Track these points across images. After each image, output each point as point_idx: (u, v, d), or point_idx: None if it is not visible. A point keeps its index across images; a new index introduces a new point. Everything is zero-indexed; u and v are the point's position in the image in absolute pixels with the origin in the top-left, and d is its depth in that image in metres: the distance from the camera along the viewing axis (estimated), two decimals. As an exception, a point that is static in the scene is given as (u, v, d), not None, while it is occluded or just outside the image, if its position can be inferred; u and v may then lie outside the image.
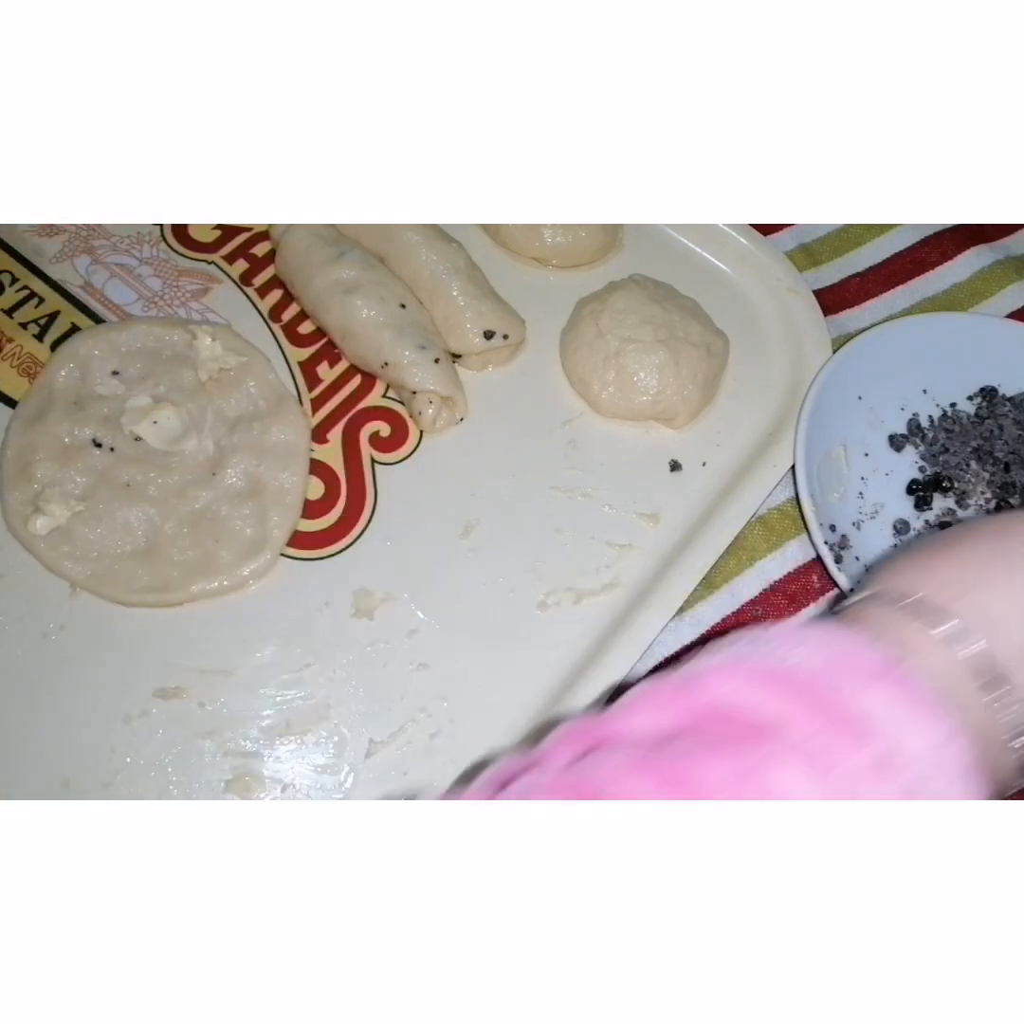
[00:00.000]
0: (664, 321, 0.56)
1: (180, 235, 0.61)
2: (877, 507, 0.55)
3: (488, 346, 0.56)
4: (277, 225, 0.59)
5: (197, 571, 0.49)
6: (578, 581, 0.51)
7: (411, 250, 0.57)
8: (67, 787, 0.44)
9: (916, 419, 0.58)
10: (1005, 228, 0.67)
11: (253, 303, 0.59)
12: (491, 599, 0.50)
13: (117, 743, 0.46)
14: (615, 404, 0.56)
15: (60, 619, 0.48)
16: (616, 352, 0.55)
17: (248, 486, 0.52)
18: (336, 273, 0.55)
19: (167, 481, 0.51)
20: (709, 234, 0.63)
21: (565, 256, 0.61)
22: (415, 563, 0.51)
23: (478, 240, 0.61)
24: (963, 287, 0.64)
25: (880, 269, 0.64)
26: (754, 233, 0.62)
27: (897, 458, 0.57)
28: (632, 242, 0.63)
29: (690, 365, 0.55)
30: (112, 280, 0.58)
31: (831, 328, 0.60)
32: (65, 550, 0.49)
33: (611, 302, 0.57)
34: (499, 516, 0.53)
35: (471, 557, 0.51)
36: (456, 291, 0.56)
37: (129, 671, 0.47)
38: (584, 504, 0.54)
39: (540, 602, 0.51)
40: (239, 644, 0.48)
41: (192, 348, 0.55)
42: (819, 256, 0.65)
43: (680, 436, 0.56)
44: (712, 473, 0.55)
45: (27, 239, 0.59)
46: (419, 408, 0.54)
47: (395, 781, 0.46)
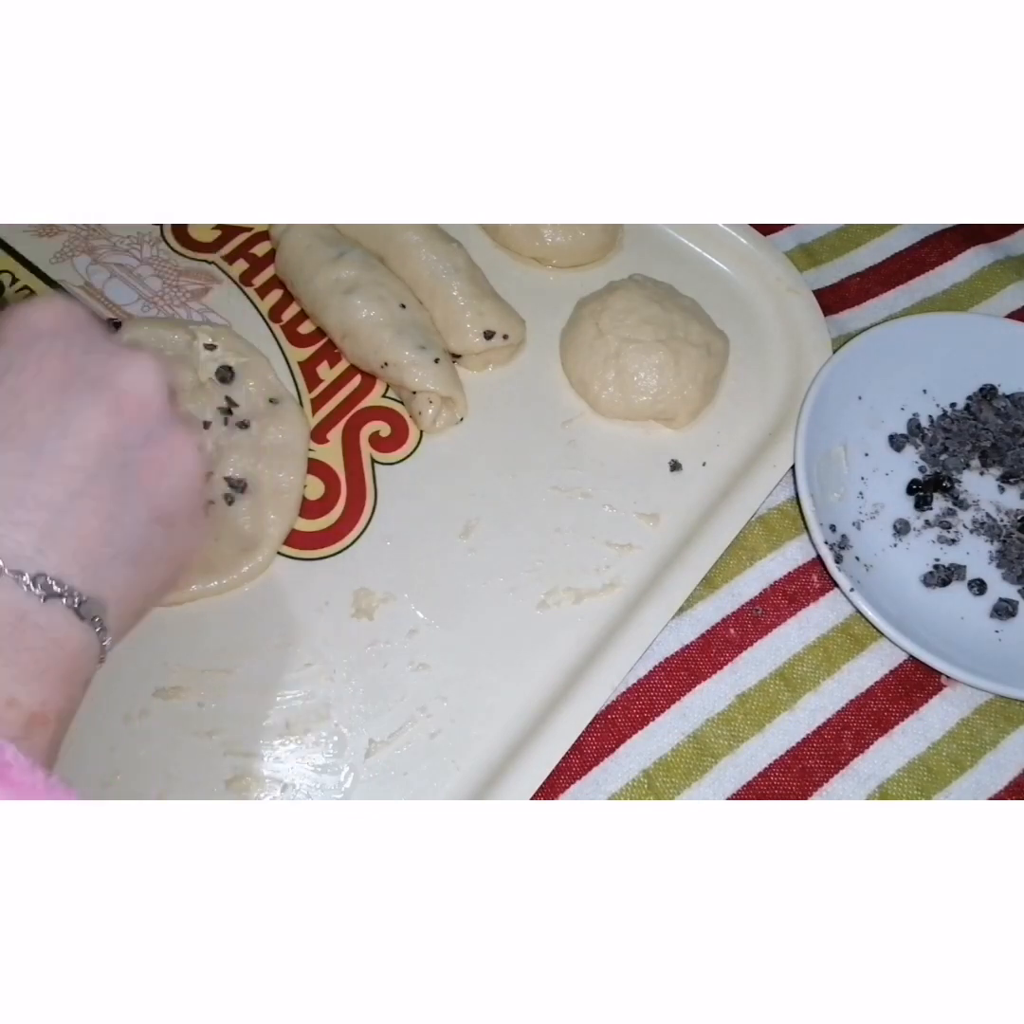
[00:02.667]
0: (664, 321, 0.56)
1: (180, 235, 0.61)
2: (877, 507, 0.55)
3: (488, 346, 0.56)
4: (277, 225, 0.59)
5: (196, 570, 0.49)
6: (578, 581, 0.51)
7: (411, 250, 0.57)
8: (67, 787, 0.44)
9: (916, 419, 0.58)
10: (1005, 228, 0.67)
11: (253, 303, 0.59)
12: (491, 599, 0.50)
13: (116, 743, 0.46)
14: (615, 404, 0.56)
15: (60, 619, 0.48)
16: (616, 352, 0.55)
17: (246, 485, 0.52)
18: (336, 273, 0.55)
19: None
20: (709, 234, 0.63)
21: (565, 256, 0.61)
22: (415, 563, 0.51)
23: (478, 240, 0.61)
24: (963, 287, 0.64)
25: (880, 269, 0.64)
26: (754, 233, 0.62)
27: (897, 458, 0.57)
28: (632, 242, 0.63)
29: (690, 365, 0.55)
30: (112, 280, 0.58)
31: (831, 328, 0.60)
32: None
33: (611, 302, 0.57)
34: (499, 516, 0.53)
35: (471, 557, 0.51)
36: (456, 291, 0.56)
37: (128, 671, 0.47)
38: (584, 504, 0.54)
39: (540, 602, 0.51)
40: (239, 644, 0.48)
41: (192, 348, 0.55)
42: (819, 256, 0.65)
43: (680, 436, 0.56)
44: (712, 473, 0.55)
45: (27, 239, 0.59)
46: (419, 408, 0.54)
47: (395, 781, 0.46)
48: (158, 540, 0.34)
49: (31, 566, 0.30)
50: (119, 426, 0.33)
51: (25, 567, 0.30)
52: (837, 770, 0.48)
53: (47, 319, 0.34)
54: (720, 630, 0.51)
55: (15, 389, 0.32)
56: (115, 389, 0.33)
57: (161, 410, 0.34)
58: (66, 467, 0.31)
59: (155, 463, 0.34)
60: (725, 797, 0.47)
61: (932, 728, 0.49)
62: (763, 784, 0.48)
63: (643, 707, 0.49)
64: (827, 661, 0.51)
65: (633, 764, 0.47)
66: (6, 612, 0.29)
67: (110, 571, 0.32)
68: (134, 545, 0.33)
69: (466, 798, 0.45)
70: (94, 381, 0.33)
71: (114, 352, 0.34)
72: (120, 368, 0.34)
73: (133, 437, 0.33)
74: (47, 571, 0.30)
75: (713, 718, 0.49)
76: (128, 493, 0.33)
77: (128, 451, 0.33)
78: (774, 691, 0.50)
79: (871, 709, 0.50)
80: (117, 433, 0.33)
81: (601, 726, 0.48)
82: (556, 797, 0.46)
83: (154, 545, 0.34)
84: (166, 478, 0.34)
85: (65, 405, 0.32)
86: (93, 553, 0.32)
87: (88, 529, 0.31)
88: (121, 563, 0.33)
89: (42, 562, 0.30)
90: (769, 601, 0.52)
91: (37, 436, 0.31)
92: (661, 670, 0.50)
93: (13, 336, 0.33)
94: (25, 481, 0.30)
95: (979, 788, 0.48)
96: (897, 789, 0.48)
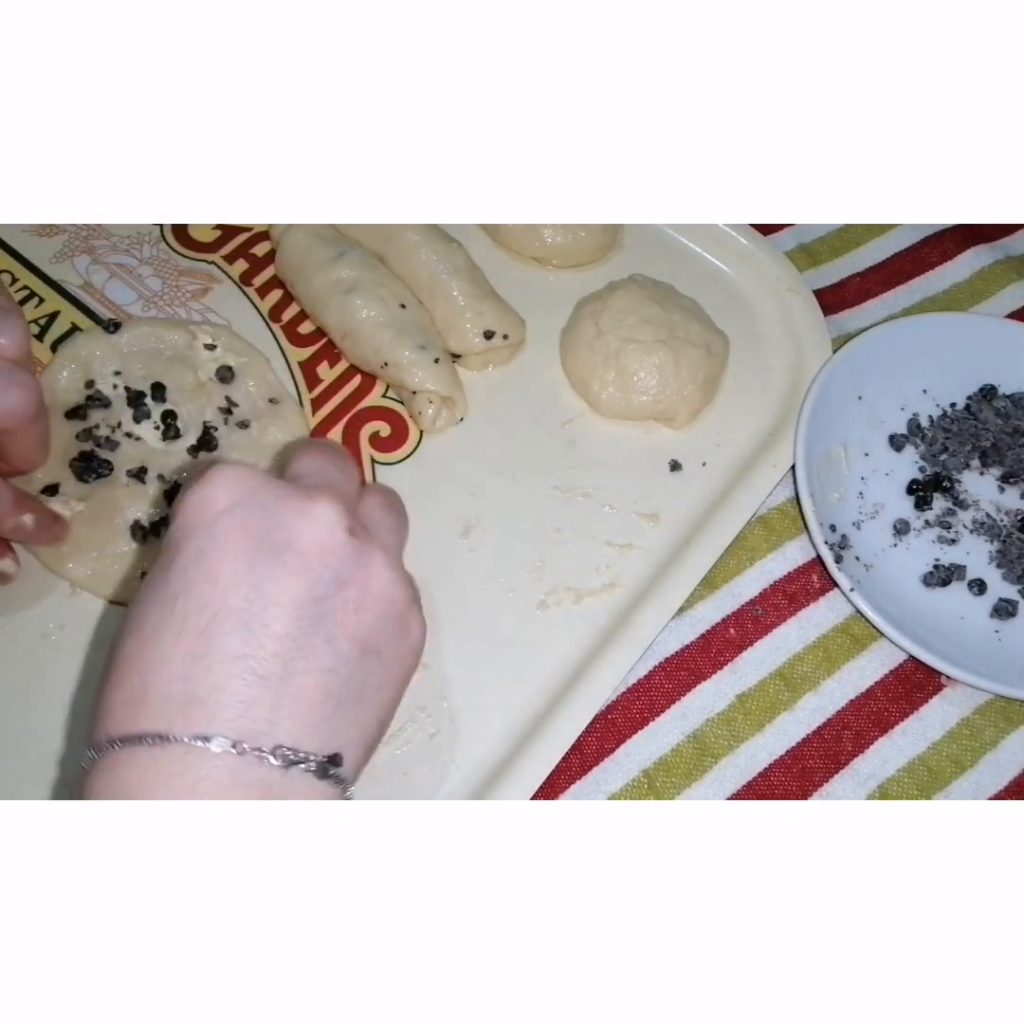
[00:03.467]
0: (664, 321, 0.56)
1: (180, 235, 0.61)
2: (877, 507, 0.55)
3: (488, 346, 0.56)
4: (277, 225, 0.59)
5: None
6: (578, 581, 0.51)
7: (411, 250, 0.57)
8: (68, 787, 0.44)
9: (916, 419, 0.58)
10: (1005, 228, 0.67)
11: (253, 303, 0.59)
12: (491, 599, 0.50)
13: (117, 743, 0.46)
14: (615, 404, 0.56)
15: (60, 619, 0.48)
16: (616, 352, 0.55)
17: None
18: (336, 273, 0.55)
19: (167, 480, 0.51)
20: (709, 234, 0.63)
21: (565, 256, 0.61)
22: (415, 563, 0.51)
23: (478, 240, 0.61)
24: (963, 287, 0.64)
25: (880, 269, 0.64)
26: (754, 233, 0.62)
27: (897, 458, 0.57)
28: (632, 242, 0.63)
29: (690, 365, 0.55)
30: (112, 280, 0.58)
31: (831, 328, 0.60)
32: (65, 550, 0.49)
33: (611, 302, 0.57)
34: (499, 516, 0.53)
35: (471, 557, 0.51)
36: (456, 291, 0.56)
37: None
38: (584, 504, 0.54)
39: (540, 602, 0.51)
40: (239, 644, 0.48)
41: (192, 349, 0.55)
42: (819, 256, 0.65)
43: (680, 436, 0.56)
44: (712, 473, 0.55)
45: (27, 239, 0.59)
46: (419, 408, 0.54)
47: (395, 781, 0.46)
48: (373, 672, 0.36)
49: (268, 740, 0.32)
50: (308, 582, 0.34)
51: (264, 743, 0.32)
52: (837, 770, 0.48)
53: (222, 496, 0.35)
54: (720, 630, 0.51)
55: (212, 574, 0.33)
56: (295, 550, 0.34)
57: (343, 551, 0.35)
58: (274, 637, 0.33)
59: (349, 603, 0.35)
60: (725, 797, 0.47)
61: (932, 728, 0.49)
62: (763, 784, 0.48)
63: (643, 707, 0.49)
64: (827, 661, 0.51)
65: (633, 764, 0.47)
66: (254, 790, 0.31)
67: (337, 721, 0.34)
68: (354, 687, 0.35)
69: (466, 798, 0.45)
70: (276, 548, 0.34)
71: (287, 510, 0.35)
72: (296, 525, 0.35)
73: (324, 588, 0.34)
74: (283, 742, 0.32)
75: (713, 718, 0.49)
76: (334, 641, 0.34)
77: (323, 602, 0.34)
78: (774, 691, 0.50)
79: (871, 709, 0.50)
80: (309, 589, 0.34)
81: (601, 726, 0.48)
82: (556, 797, 0.46)
83: (371, 678, 0.36)
84: (364, 612, 0.35)
85: (257, 579, 0.33)
86: (318, 710, 0.33)
87: (309, 689, 0.33)
88: (346, 709, 0.34)
89: (277, 734, 0.32)
90: (769, 601, 0.52)
91: (243, 616, 0.33)
92: (661, 670, 0.50)
93: (194, 521, 0.34)
94: (245, 662, 0.32)
95: (979, 788, 0.48)
96: (897, 789, 0.48)
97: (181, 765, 0.31)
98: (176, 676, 0.32)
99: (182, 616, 0.33)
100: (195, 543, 0.34)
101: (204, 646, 0.32)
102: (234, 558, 0.34)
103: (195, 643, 0.32)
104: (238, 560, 0.34)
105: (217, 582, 0.33)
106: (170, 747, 0.31)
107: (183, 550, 0.34)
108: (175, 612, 0.33)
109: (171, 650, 0.32)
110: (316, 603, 0.34)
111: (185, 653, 0.32)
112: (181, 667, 0.32)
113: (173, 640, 0.32)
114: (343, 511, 0.36)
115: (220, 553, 0.34)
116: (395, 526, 0.41)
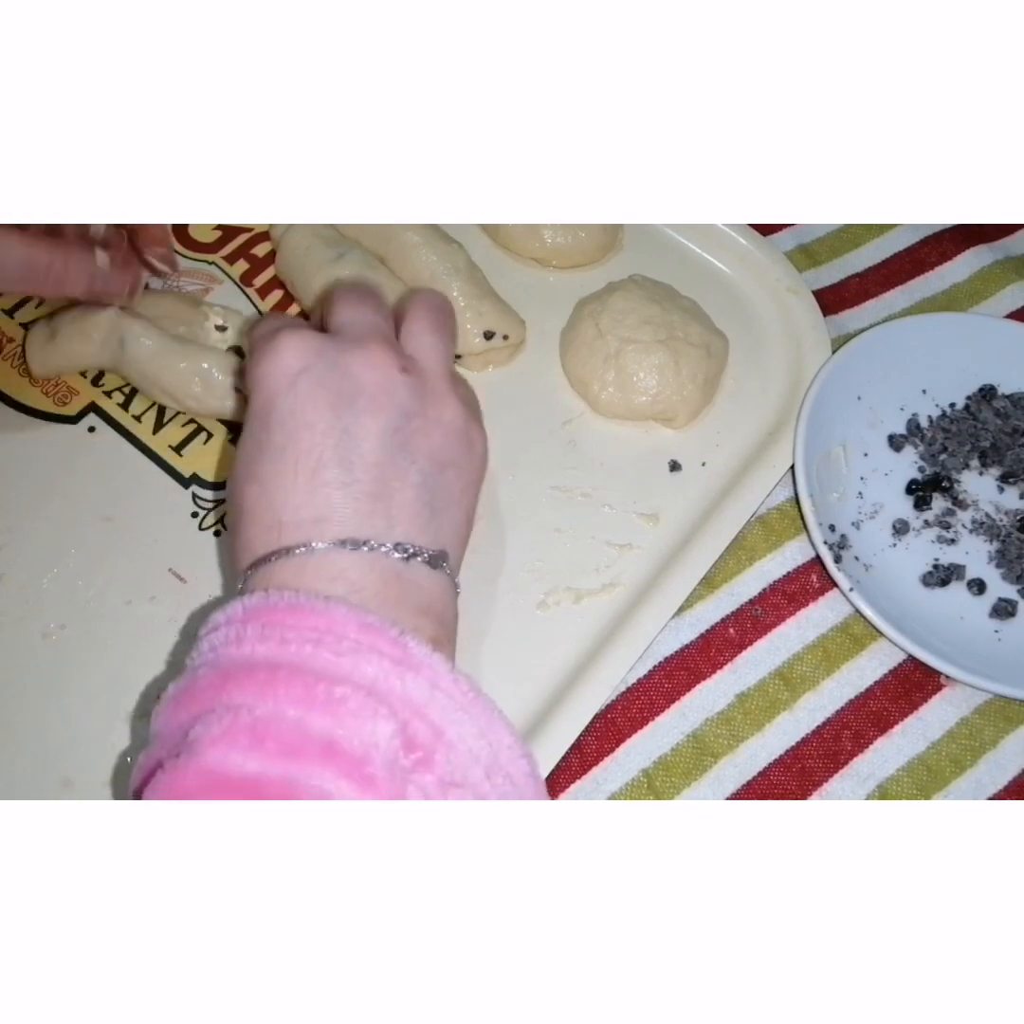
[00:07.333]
0: (664, 321, 0.56)
1: (180, 235, 0.61)
2: (876, 507, 0.55)
3: (488, 346, 0.56)
4: (277, 226, 0.59)
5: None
6: (578, 581, 0.51)
7: (411, 250, 0.57)
8: (68, 787, 0.44)
9: (916, 419, 0.58)
10: (1005, 228, 0.67)
11: (254, 303, 0.59)
12: (491, 599, 0.50)
13: (118, 742, 0.46)
14: (615, 404, 0.56)
15: (60, 619, 0.48)
16: (616, 352, 0.55)
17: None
18: (336, 274, 0.55)
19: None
20: (709, 234, 0.63)
21: (565, 257, 0.61)
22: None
23: (478, 240, 0.61)
24: (963, 287, 0.64)
25: (880, 269, 0.64)
26: (754, 233, 0.62)
27: (897, 458, 0.57)
28: (632, 242, 0.63)
29: (690, 365, 0.55)
30: (112, 280, 0.58)
31: (831, 328, 0.60)
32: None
33: (611, 302, 0.57)
34: (499, 516, 0.53)
35: (471, 557, 0.51)
36: (456, 291, 0.56)
37: (130, 670, 0.47)
38: (584, 504, 0.54)
39: (540, 602, 0.51)
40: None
41: (204, 328, 0.55)
42: (819, 256, 0.65)
43: (680, 436, 0.56)
44: (712, 473, 0.55)
45: (27, 239, 0.59)
46: (419, 408, 0.54)
47: (395, 781, 0.46)
48: (453, 481, 0.43)
49: (389, 538, 0.39)
50: (383, 419, 0.41)
51: (386, 540, 0.39)
52: (837, 770, 0.48)
53: (294, 360, 0.41)
54: (720, 630, 0.51)
55: (308, 424, 0.40)
56: (366, 394, 0.41)
57: (402, 389, 0.41)
58: (371, 465, 0.40)
59: (418, 431, 0.42)
60: (725, 797, 0.47)
61: (932, 728, 0.49)
62: (763, 784, 0.48)
63: (643, 707, 0.49)
64: (827, 661, 0.51)
65: (633, 764, 0.48)
66: (388, 572, 0.38)
67: (436, 524, 0.41)
68: (441, 496, 0.42)
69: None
70: (351, 395, 0.40)
71: (350, 361, 0.41)
72: (359, 373, 0.41)
73: (395, 422, 0.41)
74: (401, 540, 0.39)
75: (713, 718, 0.49)
76: (417, 462, 0.41)
77: (398, 433, 0.41)
78: (774, 691, 0.50)
79: (871, 709, 0.50)
80: (385, 425, 0.40)
81: (601, 726, 0.48)
82: (556, 797, 0.46)
83: (452, 487, 0.43)
84: (431, 435, 0.42)
85: (345, 424, 0.40)
86: (420, 517, 0.40)
87: (409, 501, 0.40)
88: (440, 513, 0.42)
89: (395, 534, 0.39)
90: (769, 601, 0.52)
91: (342, 452, 0.39)
92: (661, 670, 0.50)
93: (277, 386, 0.40)
94: (355, 486, 0.39)
95: (979, 788, 0.48)
96: (897, 789, 0.48)
97: (325, 563, 0.38)
98: (302, 504, 0.39)
99: (293, 460, 0.39)
100: (285, 403, 0.40)
101: (319, 479, 0.39)
102: (322, 410, 0.40)
103: (311, 478, 0.39)
104: (325, 411, 0.40)
105: (315, 429, 0.39)
106: (313, 553, 0.38)
107: (275, 410, 0.40)
108: (286, 458, 0.39)
109: (292, 487, 0.39)
110: (394, 434, 0.41)
111: (304, 487, 0.39)
112: (305, 497, 0.39)
113: (292, 479, 0.39)
114: (391, 353, 0.42)
115: (309, 407, 0.40)
116: (439, 344, 0.46)
